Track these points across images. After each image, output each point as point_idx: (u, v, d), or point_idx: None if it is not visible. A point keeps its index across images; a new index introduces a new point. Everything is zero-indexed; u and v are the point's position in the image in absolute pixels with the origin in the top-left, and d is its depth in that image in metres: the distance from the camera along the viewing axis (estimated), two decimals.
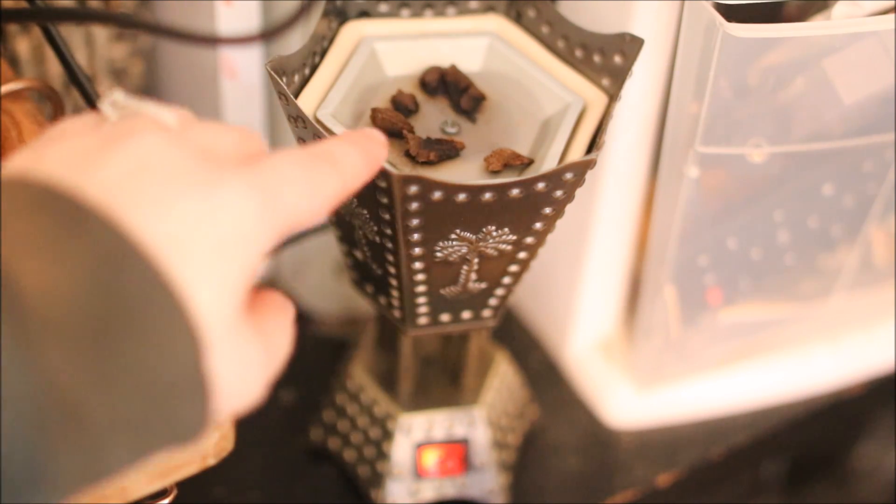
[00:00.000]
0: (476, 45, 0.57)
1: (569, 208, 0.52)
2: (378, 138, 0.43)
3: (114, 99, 0.38)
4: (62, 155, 0.34)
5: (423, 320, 0.57)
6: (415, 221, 0.49)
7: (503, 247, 0.52)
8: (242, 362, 0.35)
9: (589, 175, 0.51)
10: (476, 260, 0.53)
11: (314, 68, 0.55)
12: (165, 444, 0.33)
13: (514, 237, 0.52)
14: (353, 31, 0.57)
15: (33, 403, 0.30)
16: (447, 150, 0.52)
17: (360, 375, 0.66)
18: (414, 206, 0.48)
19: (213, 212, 0.34)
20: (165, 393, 0.32)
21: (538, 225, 0.51)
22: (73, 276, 0.31)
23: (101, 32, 0.70)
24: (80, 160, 0.34)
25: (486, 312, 0.58)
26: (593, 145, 0.53)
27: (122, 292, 0.32)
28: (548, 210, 0.50)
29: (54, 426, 0.30)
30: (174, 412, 0.33)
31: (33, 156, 0.35)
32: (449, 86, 0.55)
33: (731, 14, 0.55)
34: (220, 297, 0.34)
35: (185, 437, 0.34)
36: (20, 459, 0.29)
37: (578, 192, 0.51)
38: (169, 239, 0.33)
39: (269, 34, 0.45)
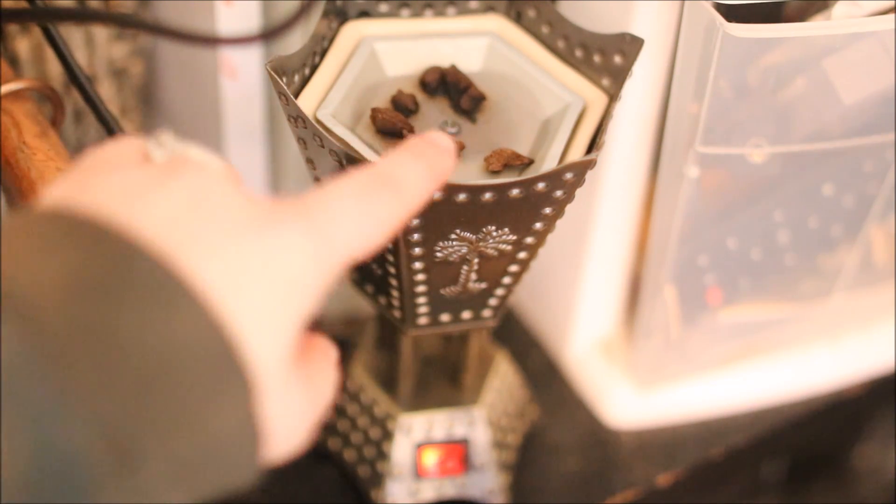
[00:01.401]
0: (476, 45, 0.57)
1: (569, 208, 0.52)
2: (445, 146, 0.39)
3: (161, 139, 0.37)
4: (110, 188, 0.33)
5: (423, 320, 0.57)
6: (415, 221, 0.49)
7: (503, 247, 0.52)
8: (292, 410, 0.34)
9: (589, 175, 0.51)
10: (476, 260, 0.53)
11: (314, 68, 0.55)
12: (216, 491, 0.33)
13: (514, 237, 0.52)
14: (353, 31, 0.57)
15: (87, 451, 0.29)
16: None
17: (360, 375, 0.66)
18: None
19: (269, 255, 0.33)
20: (219, 441, 0.32)
21: (538, 225, 0.51)
22: (122, 320, 0.30)
23: (101, 32, 0.70)
24: (130, 195, 0.33)
25: (486, 312, 0.58)
26: (593, 145, 0.53)
27: (175, 338, 0.31)
28: (548, 210, 0.50)
29: (107, 473, 0.29)
30: (227, 460, 0.32)
31: (76, 186, 0.33)
32: (449, 86, 0.55)
33: (731, 14, 0.55)
34: (275, 344, 0.33)
35: (236, 484, 0.33)
36: None
37: (578, 192, 0.51)
38: (223, 283, 0.32)
39: (269, 34, 0.45)
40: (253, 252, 0.33)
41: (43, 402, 0.29)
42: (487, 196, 0.48)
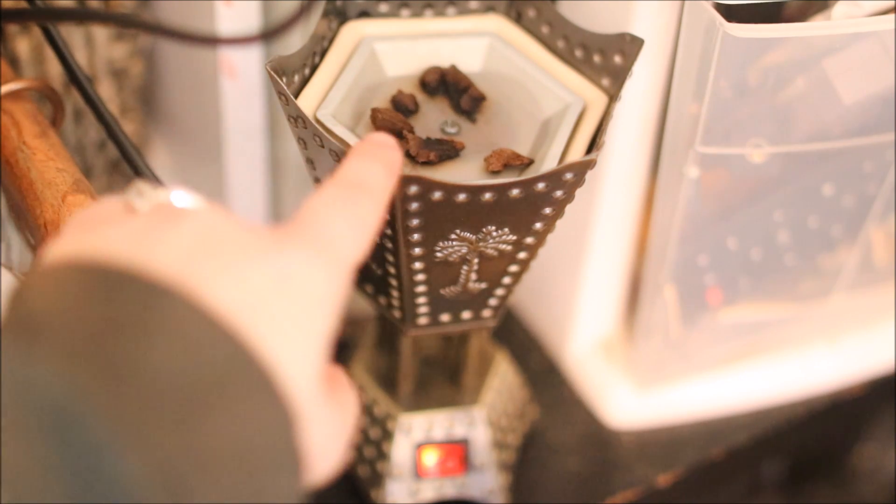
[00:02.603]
0: (476, 45, 0.57)
1: (569, 208, 0.52)
2: (388, 142, 0.41)
3: (140, 188, 0.36)
4: (115, 237, 0.33)
5: (423, 320, 0.57)
6: (415, 221, 0.49)
7: (503, 247, 0.52)
8: (328, 432, 0.35)
9: (589, 175, 0.51)
10: (476, 260, 0.53)
11: (314, 68, 0.55)
12: None
13: (514, 237, 0.52)
14: (353, 31, 0.57)
15: (144, 484, 0.29)
16: (447, 150, 0.52)
17: (360, 375, 0.66)
18: (414, 206, 0.48)
19: (285, 278, 0.33)
20: (261, 467, 0.31)
21: (538, 225, 0.51)
22: (158, 357, 0.30)
23: (101, 32, 0.70)
24: (137, 240, 0.33)
25: (486, 312, 0.58)
26: (593, 145, 0.53)
27: (212, 368, 0.31)
28: (548, 210, 0.50)
29: None
30: (270, 486, 0.32)
31: (80, 241, 0.33)
32: (449, 86, 0.55)
33: (731, 14, 0.55)
34: (307, 367, 0.33)
35: None
36: None
37: (578, 192, 0.51)
38: (248, 309, 0.32)
39: (269, 34, 0.45)
40: (269, 276, 0.33)
41: (98, 437, 0.29)
42: (487, 196, 0.48)
